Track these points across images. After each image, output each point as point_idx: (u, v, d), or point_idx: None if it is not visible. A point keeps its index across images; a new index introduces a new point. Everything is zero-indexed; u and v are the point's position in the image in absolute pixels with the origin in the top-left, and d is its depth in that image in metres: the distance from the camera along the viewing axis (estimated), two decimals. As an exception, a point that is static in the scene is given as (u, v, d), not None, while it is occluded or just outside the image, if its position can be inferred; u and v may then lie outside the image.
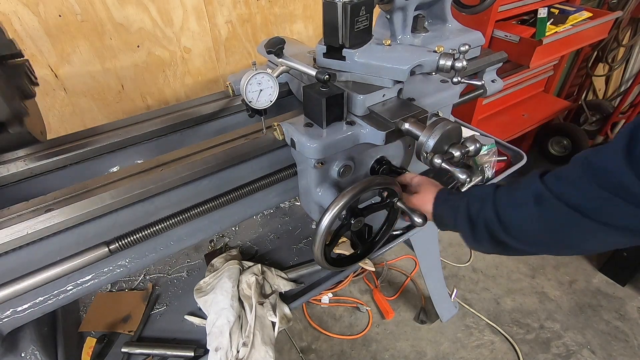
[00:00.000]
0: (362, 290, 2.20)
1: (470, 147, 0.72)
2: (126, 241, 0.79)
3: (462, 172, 0.71)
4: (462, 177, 0.71)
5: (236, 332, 0.92)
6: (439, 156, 0.72)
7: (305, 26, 1.67)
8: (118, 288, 1.15)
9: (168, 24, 1.32)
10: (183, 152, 0.85)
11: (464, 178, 0.70)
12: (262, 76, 0.79)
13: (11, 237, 0.66)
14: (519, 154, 1.44)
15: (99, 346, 0.98)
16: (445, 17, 1.13)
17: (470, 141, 0.72)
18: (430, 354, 1.89)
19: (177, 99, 1.49)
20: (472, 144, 0.72)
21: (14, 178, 0.90)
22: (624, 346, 1.88)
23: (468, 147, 0.72)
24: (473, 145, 0.72)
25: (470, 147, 0.72)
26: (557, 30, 1.98)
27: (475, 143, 0.72)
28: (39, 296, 0.77)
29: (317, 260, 0.83)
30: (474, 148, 0.72)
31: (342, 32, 0.81)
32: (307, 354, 1.90)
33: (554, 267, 2.29)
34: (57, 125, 1.32)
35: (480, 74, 1.27)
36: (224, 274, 1.06)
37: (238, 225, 1.34)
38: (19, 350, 0.85)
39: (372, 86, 0.84)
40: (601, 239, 0.57)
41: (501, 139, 1.51)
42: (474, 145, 0.72)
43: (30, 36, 1.13)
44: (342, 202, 0.74)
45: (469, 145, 0.72)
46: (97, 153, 1.00)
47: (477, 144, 0.72)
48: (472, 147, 0.72)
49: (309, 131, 0.80)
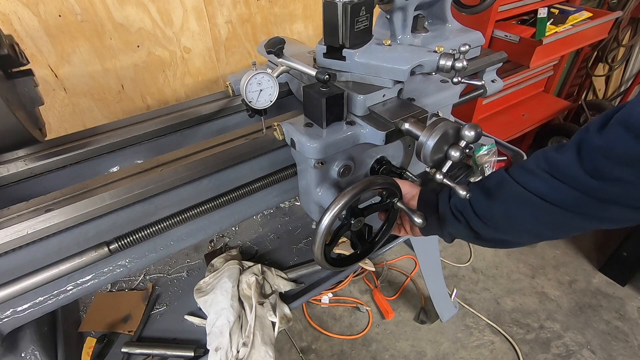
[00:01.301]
0: (362, 290, 2.20)
1: (470, 133, 0.70)
2: (126, 241, 0.79)
3: (462, 188, 0.72)
4: (462, 193, 0.72)
5: (236, 332, 0.92)
6: (440, 172, 0.73)
7: (305, 26, 1.67)
8: (118, 288, 1.15)
9: (168, 24, 1.32)
10: (183, 152, 0.84)
11: (463, 194, 0.71)
12: (262, 76, 0.79)
13: (11, 237, 0.66)
14: (519, 154, 1.44)
15: (99, 346, 0.98)
16: (445, 17, 1.13)
17: (470, 127, 0.70)
18: (430, 354, 1.89)
19: (177, 99, 1.49)
20: (471, 129, 0.70)
21: (14, 178, 0.90)
22: (624, 346, 1.88)
23: (468, 133, 0.70)
24: (473, 131, 0.70)
25: (470, 133, 0.70)
26: (557, 30, 1.98)
27: (475, 128, 0.70)
28: (39, 296, 0.77)
29: (317, 260, 0.83)
30: (474, 134, 0.70)
31: (342, 32, 0.80)
32: (307, 354, 1.90)
33: (554, 267, 2.29)
34: (57, 125, 1.32)
35: (480, 74, 1.27)
36: (224, 274, 1.06)
37: (238, 225, 1.34)
38: (19, 350, 0.85)
39: (372, 86, 0.84)
40: (556, 222, 0.65)
41: (501, 139, 1.51)
42: (474, 131, 0.70)
43: (30, 36, 1.13)
44: (342, 202, 0.74)
45: (469, 131, 0.70)
46: (97, 153, 1.00)
47: (477, 129, 0.70)
48: (472, 132, 0.70)
49: (309, 131, 0.80)
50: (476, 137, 0.70)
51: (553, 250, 2.40)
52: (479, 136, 0.70)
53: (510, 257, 2.37)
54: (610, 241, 2.42)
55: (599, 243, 2.42)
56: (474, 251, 2.41)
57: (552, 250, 2.40)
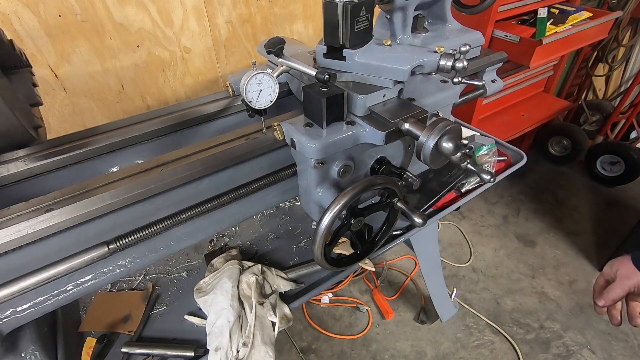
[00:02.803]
0: (362, 290, 2.20)
1: (448, 145, 0.71)
2: (126, 241, 0.79)
3: (486, 172, 0.73)
4: (486, 177, 0.72)
5: (236, 332, 0.92)
6: (462, 157, 0.73)
7: (305, 26, 1.67)
8: (118, 288, 1.15)
9: (168, 24, 1.32)
10: (183, 152, 0.84)
11: (488, 178, 0.72)
12: (262, 76, 0.79)
13: (11, 237, 0.66)
14: (519, 154, 1.44)
15: (99, 346, 0.98)
16: (445, 17, 1.13)
17: (448, 139, 0.71)
18: (430, 354, 1.89)
19: (177, 99, 1.49)
20: (449, 141, 0.71)
21: (14, 178, 0.90)
22: (624, 346, 1.88)
23: (446, 145, 0.71)
24: (452, 143, 0.71)
25: (448, 145, 0.71)
26: (557, 30, 1.98)
27: (454, 140, 0.71)
28: (39, 296, 0.77)
29: (317, 260, 0.83)
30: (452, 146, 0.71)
31: (342, 32, 0.80)
32: (307, 354, 1.90)
33: (554, 267, 2.29)
34: (57, 125, 1.32)
35: (480, 74, 1.27)
36: (224, 274, 1.05)
37: (238, 225, 1.34)
38: (19, 350, 0.85)
39: (372, 86, 0.84)
40: None
41: (501, 139, 1.51)
42: (452, 143, 0.71)
43: (30, 36, 1.13)
44: (342, 202, 0.74)
45: (447, 143, 0.71)
46: (97, 153, 1.00)
47: (456, 140, 0.72)
48: (450, 145, 0.71)
49: (309, 131, 0.80)
50: (455, 150, 0.71)
51: (553, 250, 2.40)
52: (457, 148, 0.71)
53: (511, 257, 2.37)
54: (610, 241, 2.42)
55: (599, 243, 2.42)
56: (474, 251, 2.41)
57: (552, 250, 2.40)
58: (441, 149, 0.72)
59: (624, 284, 0.84)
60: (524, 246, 2.44)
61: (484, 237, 2.51)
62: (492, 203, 2.77)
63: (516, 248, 2.43)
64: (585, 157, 2.89)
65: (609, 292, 0.86)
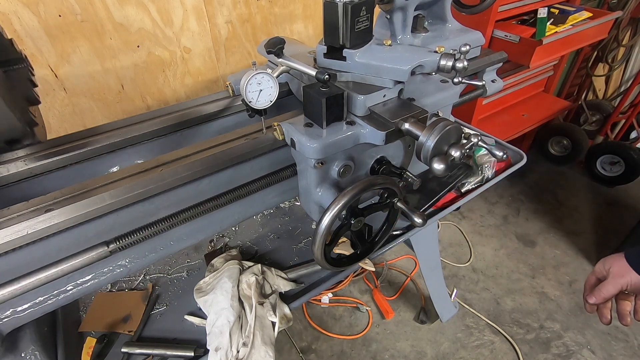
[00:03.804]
0: (362, 290, 2.20)
1: (439, 166, 0.71)
2: (126, 241, 0.79)
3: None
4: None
5: (236, 332, 0.92)
6: (457, 149, 0.72)
7: (305, 26, 1.67)
8: (118, 288, 1.15)
9: (168, 24, 1.32)
10: (183, 152, 0.84)
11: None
12: (262, 76, 0.79)
13: (11, 237, 0.66)
14: (519, 154, 1.44)
15: (99, 346, 0.98)
16: (445, 17, 1.12)
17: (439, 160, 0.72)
18: (430, 354, 1.89)
19: (177, 99, 1.49)
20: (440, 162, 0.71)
21: (14, 178, 0.90)
22: (624, 346, 1.88)
23: (437, 166, 0.71)
24: (443, 164, 0.71)
25: (439, 166, 0.71)
26: (557, 30, 1.98)
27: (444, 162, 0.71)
28: (39, 296, 0.77)
29: (317, 260, 0.83)
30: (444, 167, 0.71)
31: (342, 33, 0.80)
32: (307, 354, 1.90)
33: (554, 267, 2.29)
34: (57, 125, 1.32)
35: (480, 74, 1.27)
36: (224, 274, 1.05)
37: (238, 225, 1.34)
38: (19, 350, 0.85)
39: (372, 86, 0.84)
40: None
41: (501, 139, 1.51)
42: (443, 164, 0.71)
43: (30, 36, 1.13)
44: (342, 202, 0.74)
45: (438, 164, 0.71)
46: (97, 153, 1.00)
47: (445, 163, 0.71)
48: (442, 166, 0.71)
49: (309, 131, 0.80)
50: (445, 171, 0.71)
51: (553, 250, 2.40)
52: (447, 169, 0.71)
53: (511, 257, 2.37)
54: (610, 241, 2.42)
55: (599, 243, 2.42)
56: (474, 251, 2.41)
57: (552, 250, 2.40)
58: (432, 170, 0.72)
59: (617, 282, 0.83)
60: (524, 246, 2.44)
61: (484, 237, 2.51)
62: (492, 203, 2.78)
63: (516, 248, 2.43)
64: (585, 157, 2.89)
65: (600, 289, 0.86)
